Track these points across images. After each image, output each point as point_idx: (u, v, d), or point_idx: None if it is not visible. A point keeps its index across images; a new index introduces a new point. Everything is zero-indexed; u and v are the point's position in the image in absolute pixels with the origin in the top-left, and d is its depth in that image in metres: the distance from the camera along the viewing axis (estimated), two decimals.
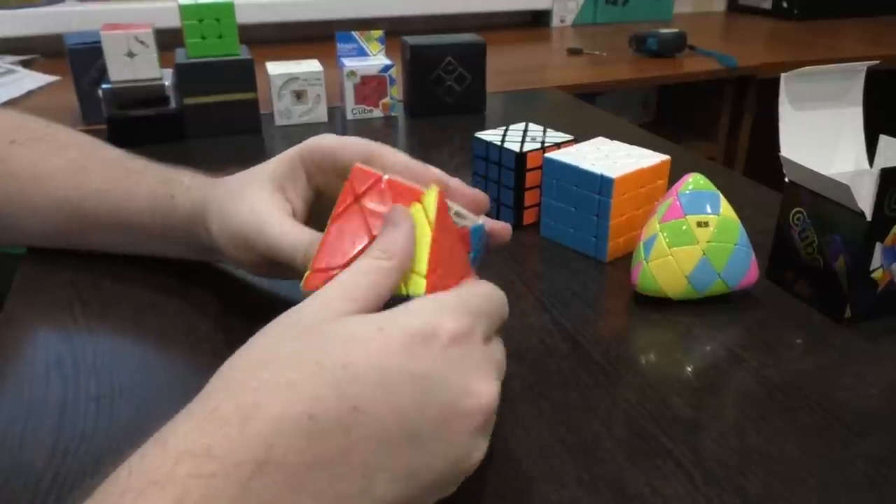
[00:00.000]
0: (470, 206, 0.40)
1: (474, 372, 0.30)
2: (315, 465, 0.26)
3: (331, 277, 0.33)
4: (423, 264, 0.33)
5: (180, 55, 0.87)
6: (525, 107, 1.05)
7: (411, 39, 0.96)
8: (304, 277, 0.35)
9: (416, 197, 0.35)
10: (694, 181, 0.51)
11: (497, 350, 0.34)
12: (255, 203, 0.42)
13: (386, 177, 0.36)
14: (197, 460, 0.25)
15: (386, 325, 0.30)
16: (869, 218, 0.45)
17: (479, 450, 0.31)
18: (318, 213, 0.44)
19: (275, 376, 0.27)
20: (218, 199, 0.45)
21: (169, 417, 0.27)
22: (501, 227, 0.41)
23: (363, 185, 0.36)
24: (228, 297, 0.52)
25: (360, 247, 0.35)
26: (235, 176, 0.46)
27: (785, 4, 1.82)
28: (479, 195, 0.41)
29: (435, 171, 0.41)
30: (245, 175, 0.45)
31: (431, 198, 0.35)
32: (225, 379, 0.28)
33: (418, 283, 0.33)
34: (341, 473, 0.27)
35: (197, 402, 0.28)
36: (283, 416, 0.26)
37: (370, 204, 0.36)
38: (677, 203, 0.50)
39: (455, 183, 0.40)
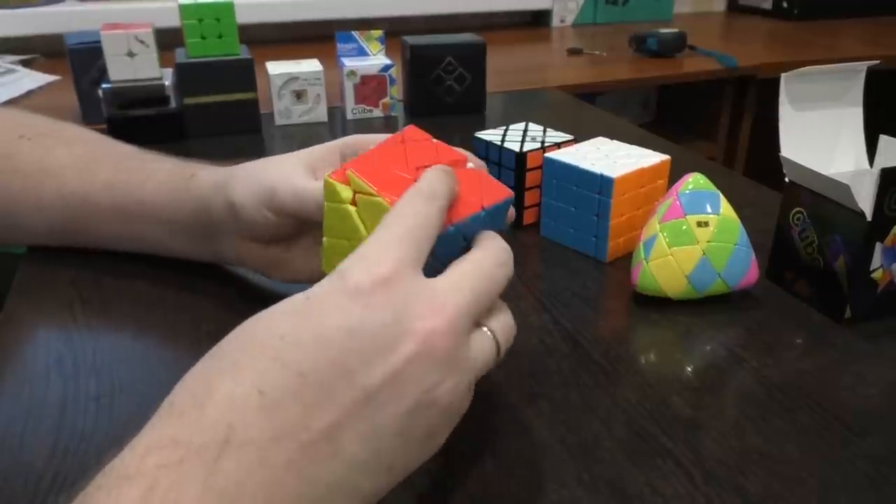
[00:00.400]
0: None
1: (408, 312, 0.29)
2: (279, 437, 0.26)
3: (342, 171, 0.35)
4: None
5: (180, 55, 0.87)
6: (525, 107, 1.05)
7: (411, 39, 0.96)
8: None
9: (456, 157, 0.38)
10: (694, 181, 0.51)
11: (448, 280, 0.31)
12: (284, 165, 0.45)
13: (435, 140, 0.39)
14: (163, 451, 0.25)
15: (312, 293, 0.30)
16: (869, 218, 0.45)
17: (441, 387, 0.29)
18: None
19: (221, 362, 0.28)
20: (246, 166, 0.47)
21: None
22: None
23: (413, 137, 0.38)
24: (229, 296, 0.52)
25: (393, 161, 0.36)
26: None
27: (785, 4, 1.82)
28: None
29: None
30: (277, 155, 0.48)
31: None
32: (182, 379, 0.29)
33: None
34: (307, 440, 0.27)
35: (162, 403, 0.28)
36: (235, 395, 0.27)
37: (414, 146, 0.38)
38: (677, 203, 0.50)
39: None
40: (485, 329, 0.32)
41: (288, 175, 0.44)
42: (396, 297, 0.29)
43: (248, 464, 0.26)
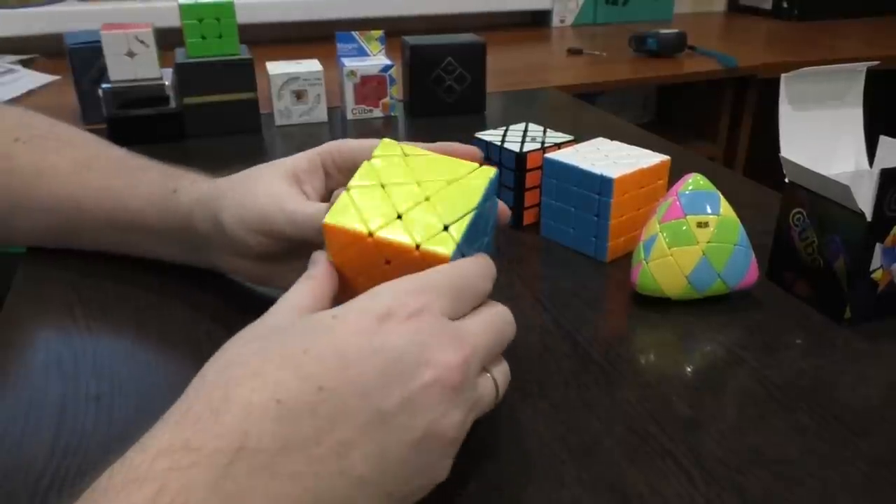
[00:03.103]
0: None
1: (431, 343, 0.30)
2: (289, 448, 0.27)
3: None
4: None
5: (180, 55, 0.87)
6: (525, 107, 1.05)
7: (411, 39, 0.96)
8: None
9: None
10: (694, 181, 0.51)
11: (470, 324, 0.33)
12: (271, 186, 0.44)
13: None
14: (174, 455, 0.25)
15: (340, 312, 0.31)
16: (869, 218, 0.45)
17: (448, 419, 0.30)
18: None
19: (241, 370, 0.29)
20: (233, 183, 0.46)
21: None
22: (501, 209, 0.41)
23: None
24: (228, 297, 0.52)
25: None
26: (251, 168, 0.47)
27: (785, 5, 1.81)
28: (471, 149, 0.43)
29: (448, 144, 0.43)
30: (262, 165, 0.46)
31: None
32: (196, 384, 0.29)
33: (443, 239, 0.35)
34: (317, 454, 0.27)
35: (173, 408, 0.28)
36: (252, 404, 0.27)
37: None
38: (677, 203, 0.50)
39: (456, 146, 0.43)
40: (488, 374, 0.34)
41: (278, 199, 0.43)
42: (422, 328, 0.30)
43: (257, 471, 0.26)
